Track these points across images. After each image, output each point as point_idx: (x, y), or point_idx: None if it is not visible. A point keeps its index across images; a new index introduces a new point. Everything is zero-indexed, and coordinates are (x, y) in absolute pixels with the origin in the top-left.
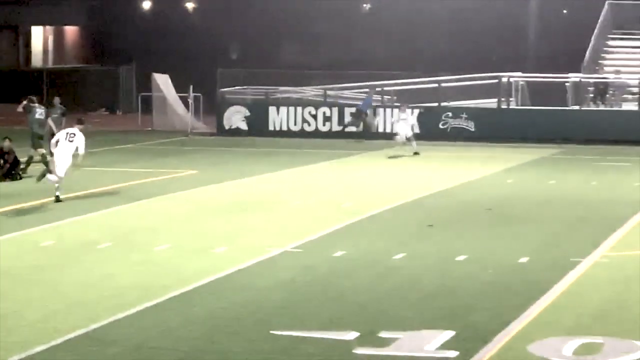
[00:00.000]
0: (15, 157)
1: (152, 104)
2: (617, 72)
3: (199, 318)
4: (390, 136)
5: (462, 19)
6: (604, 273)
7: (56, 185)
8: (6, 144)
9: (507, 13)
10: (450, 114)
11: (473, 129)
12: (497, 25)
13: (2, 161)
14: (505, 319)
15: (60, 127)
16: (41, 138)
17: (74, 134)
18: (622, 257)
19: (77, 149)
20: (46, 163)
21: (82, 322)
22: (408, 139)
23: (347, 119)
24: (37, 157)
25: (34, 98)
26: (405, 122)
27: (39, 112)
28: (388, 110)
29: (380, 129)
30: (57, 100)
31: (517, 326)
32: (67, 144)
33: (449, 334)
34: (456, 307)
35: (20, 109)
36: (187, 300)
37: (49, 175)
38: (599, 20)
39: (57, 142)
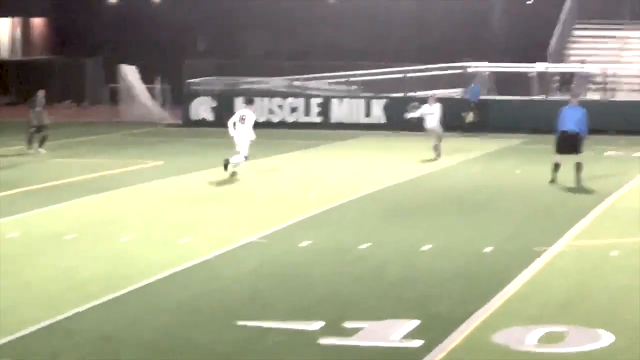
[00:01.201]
0: None
1: (119, 95)
2: (582, 61)
3: (164, 309)
4: (351, 127)
5: (427, 9)
6: (569, 262)
7: (240, 162)
8: None
9: (472, 3)
10: (416, 103)
11: None
12: (462, 16)
13: None
14: (469, 309)
15: (42, 120)
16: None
17: (245, 115)
18: (586, 247)
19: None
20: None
21: (48, 313)
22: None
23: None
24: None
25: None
26: (432, 116)
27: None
28: (354, 100)
29: (346, 120)
30: (41, 93)
31: (481, 315)
32: (241, 125)
33: (413, 324)
34: (421, 297)
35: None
36: (152, 291)
37: (234, 157)
38: (564, 10)
39: (234, 124)
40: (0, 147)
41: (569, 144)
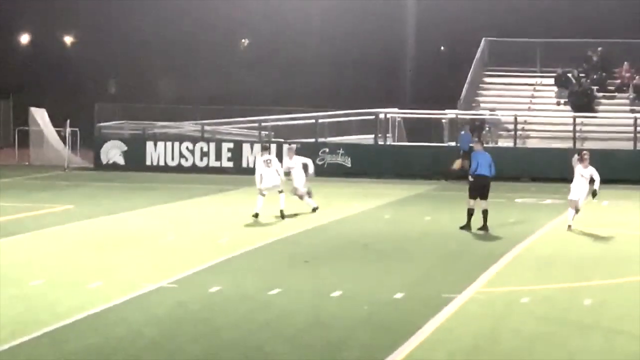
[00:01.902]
0: None
1: (29, 138)
2: (493, 109)
3: (73, 354)
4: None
5: (340, 55)
6: (478, 309)
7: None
8: None
9: (385, 49)
10: (327, 149)
11: (350, 165)
12: (376, 62)
13: None
14: (378, 356)
15: None
16: None
17: (270, 159)
18: (496, 293)
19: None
20: None
21: None
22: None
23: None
24: None
25: None
26: (295, 171)
27: None
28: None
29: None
30: None
31: None
32: (268, 169)
33: None
34: (329, 343)
35: None
36: (61, 336)
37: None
38: (476, 57)
39: (260, 176)
40: None
41: (481, 188)
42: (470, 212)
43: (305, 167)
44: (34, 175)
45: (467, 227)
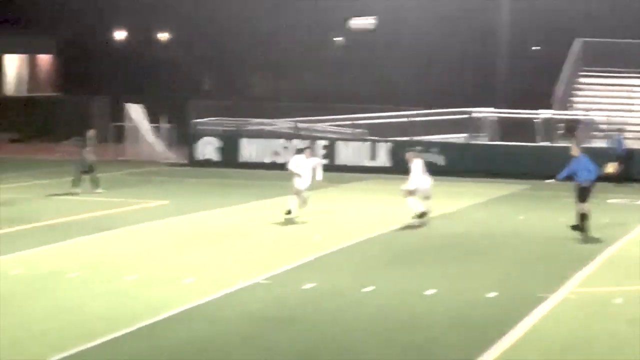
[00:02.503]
0: None
1: (124, 133)
2: (587, 110)
3: (166, 349)
4: (357, 169)
5: (434, 54)
6: (571, 309)
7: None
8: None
9: (479, 48)
10: (420, 147)
11: (443, 163)
12: (470, 61)
13: None
14: (471, 355)
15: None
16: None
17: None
18: (588, 293)
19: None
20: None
21: (49, 352)
22: None
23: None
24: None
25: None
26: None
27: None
28: (359, 143)
29: (353, 163)
30: (91, 133)
31: None
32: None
33: None
34: (422, 342)
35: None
36: (154, 331)
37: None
38: (569, 57)
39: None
40: (2, 184)
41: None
42: (585, 217)
43: (314, 170)
44: (130, 171)
45: (584, 229)
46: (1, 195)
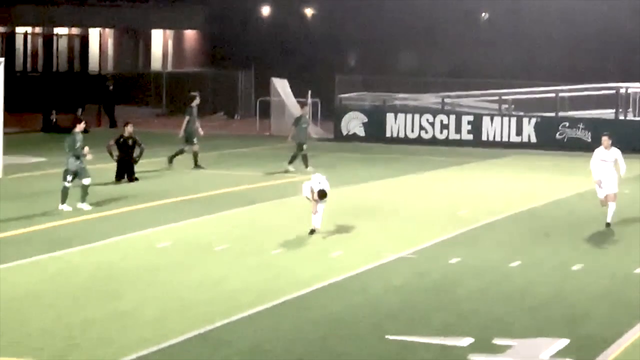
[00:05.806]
0: (135, 143)
1: (270, 108)
2: None
3: (314, 321)
4: (502, 145)
5: (580, 29)
6: None
7: None
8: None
9: (625, 24)
10: (567, 124)
11: (590, 140)
12: (615, 36)
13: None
14: (619, 330)
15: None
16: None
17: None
18: None
19: None
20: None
21: (197, 323)
22: None
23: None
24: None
25: None
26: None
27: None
28: (505, 119)
29: (498, 138)
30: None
31: (630, 337)
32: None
33: (563, 342)
34: (570, 316)
35: None
36: (302, 304)
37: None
38: None
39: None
40: (152, 158)
41: None
42: None
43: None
44: (275, 146)
45: None
46: (150, 169)
